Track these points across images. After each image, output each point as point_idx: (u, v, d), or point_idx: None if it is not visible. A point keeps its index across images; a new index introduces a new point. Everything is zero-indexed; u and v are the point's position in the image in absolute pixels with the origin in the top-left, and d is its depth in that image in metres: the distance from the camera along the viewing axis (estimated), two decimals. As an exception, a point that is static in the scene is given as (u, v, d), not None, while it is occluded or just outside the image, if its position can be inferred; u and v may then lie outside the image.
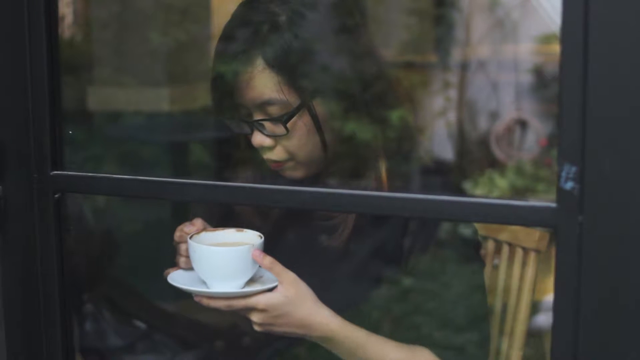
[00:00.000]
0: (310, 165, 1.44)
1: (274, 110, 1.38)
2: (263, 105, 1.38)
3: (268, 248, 1.34)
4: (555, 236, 0.94)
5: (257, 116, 1.40)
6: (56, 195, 1.23)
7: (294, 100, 1.37)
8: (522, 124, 3.61)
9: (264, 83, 1.37)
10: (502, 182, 3.27)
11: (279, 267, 1.31)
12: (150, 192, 1.26)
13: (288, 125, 1.38)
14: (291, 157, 1.42)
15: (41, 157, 1.21)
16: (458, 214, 1.06)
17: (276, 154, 1.42)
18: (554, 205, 0.94)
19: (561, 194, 0.92)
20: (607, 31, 0.88)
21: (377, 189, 1.39)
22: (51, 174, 1.22)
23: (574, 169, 0.91)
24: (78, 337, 1.81)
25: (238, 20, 1.42)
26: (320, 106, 1.39)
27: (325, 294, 1.35)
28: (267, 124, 1.40)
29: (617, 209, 0.90)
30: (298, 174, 1.44)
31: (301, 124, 1.39)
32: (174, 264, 1.41)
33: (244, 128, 1.44)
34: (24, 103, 1.21)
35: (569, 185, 0.92)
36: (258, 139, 1.41)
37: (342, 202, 1.11)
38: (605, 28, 0.88)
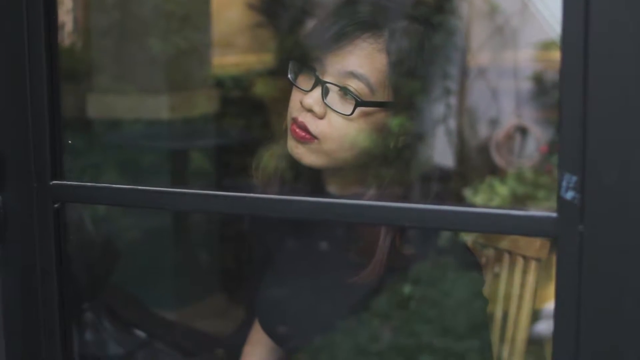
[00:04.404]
0: (331, 159, 1.32)
1: (351, 87, 1.29)
2: (349, 75, 1.28)
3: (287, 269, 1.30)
4: (556, 246, 0.93)
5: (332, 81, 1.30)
6: (56, 205, 1.22)
7: (382, 94, 1.29)
8: (522, 131, 3.61)
9: (371, 61, 1.29)
10: (502, 189, 3.26)
11: None
12: (150, 202, 1.26)
13: (357, 112, 1.28)
14: (324, 138, 1.30)
15: (41, 167, 1.21)
16: (458, 224, 1.05)
17: (314, 125, 1.30)
18: (554, 215, 0.93)
19: (562, 204, 0.92)
20: (607, 38, 0.88)
21: (377, 198, 1.37)
22: (51, 183, 1.22)
23: (574, 178, 0.91)
24: (78, 346, 1.81)
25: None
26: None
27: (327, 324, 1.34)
28: (334, 97, 1.30)
29: (617, 219, 0.90)
30: (310, 159, 1.32)
31: (369, 122, 1.30)
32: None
33: (302, 80, 1.33)
34: (24, 113, 1.21)
35: (569, 194, 0.92)
36: (314, 98, 1.30)
37: (341, 212, 1.11)
38: (606, 35, 0.88)
